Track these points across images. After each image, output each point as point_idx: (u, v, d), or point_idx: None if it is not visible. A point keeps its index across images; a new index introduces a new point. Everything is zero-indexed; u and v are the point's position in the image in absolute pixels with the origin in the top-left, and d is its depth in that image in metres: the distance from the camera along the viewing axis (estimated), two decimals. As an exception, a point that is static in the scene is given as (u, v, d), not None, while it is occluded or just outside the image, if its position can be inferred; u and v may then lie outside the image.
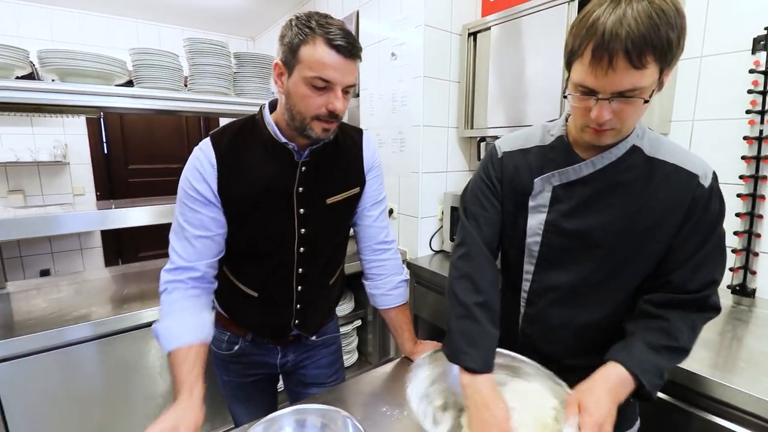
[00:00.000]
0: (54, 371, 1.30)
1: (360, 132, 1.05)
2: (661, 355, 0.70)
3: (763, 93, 1.25)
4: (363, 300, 2.14)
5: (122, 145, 3.50)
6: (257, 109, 0.95)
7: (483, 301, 0.78)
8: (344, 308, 2.06)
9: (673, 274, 0.73)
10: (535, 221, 0.79)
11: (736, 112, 1.32)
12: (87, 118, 3.16)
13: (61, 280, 1.76)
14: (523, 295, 0.84)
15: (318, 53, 0.77)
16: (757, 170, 1.28)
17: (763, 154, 1.27)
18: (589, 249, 0.75)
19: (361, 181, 1.03)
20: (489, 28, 1.76)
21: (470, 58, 1.87)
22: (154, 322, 1.43)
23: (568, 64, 0.67)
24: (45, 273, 3.12)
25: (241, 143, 0.91)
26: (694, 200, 0.69)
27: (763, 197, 1.29)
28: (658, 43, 0.56)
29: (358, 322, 2.14)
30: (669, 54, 0.58)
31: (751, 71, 1.26)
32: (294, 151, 0.91)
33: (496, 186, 0.84)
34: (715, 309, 0.75)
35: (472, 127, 1.92)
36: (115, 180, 3.51)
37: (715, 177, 0.71)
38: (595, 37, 0.58)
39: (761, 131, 1.27)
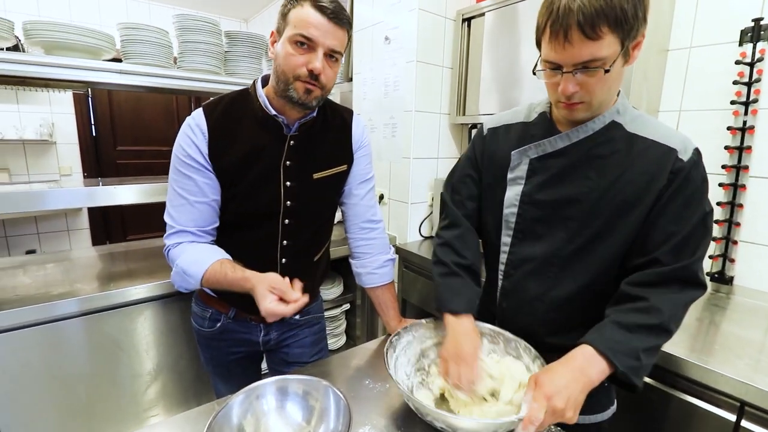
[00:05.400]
0: (39, 346, 1.29)
1: (350, 112, 1.07)
2: (635, 335, 0.67)
3: (748, 84, 1.27)
4: (351, 284, 2.15)
5: (111, 126, 3.45)
6: (249, 88, 0.97)
7: (464, 263, 0.87)
8: (333, 291, 2.07)
9: (657, 252, 0.71)
10: (512, 193, 0.82)
11: (721, 102, 1.34)
12: (75, 96, 3.10)
13: (49, 258, 1.74)
14: (501, 267, 0.87)
15: (303, 13, 0.82)
16: (739, 160, 1.31)
17: (745, 144, 1.29)
18: (563, 220, 0.77)
19: (349, 159, 1.04)
20: (483, 14, 1.76)
21: (464, 44, 1.86)
22: (143, 300, 1.42)
23: (538, 43, 0.70)
24: (31, 253, 3.09)
25: (233, 114, 0.93)
26: (674, 173, 0.69)
27: (744, 187, 1.32)
28: (611, 13, 0.59)
29: (347, 306, 2.16)
30: (626, 24, 0.61)
31: (737, 62, 1.28)
32: (283, 124, 0.93)
33: (479, 162, 0.89)
34: (699, 284, 0.71)
35: (463, 114, 1.92)
36: (103, 161, 3.46)
37: (697, 152, 0.71)
38: (551, 14, 0.62)
39: (745, 122, 1.29)
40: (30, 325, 1.26)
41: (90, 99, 3.24)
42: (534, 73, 0.71)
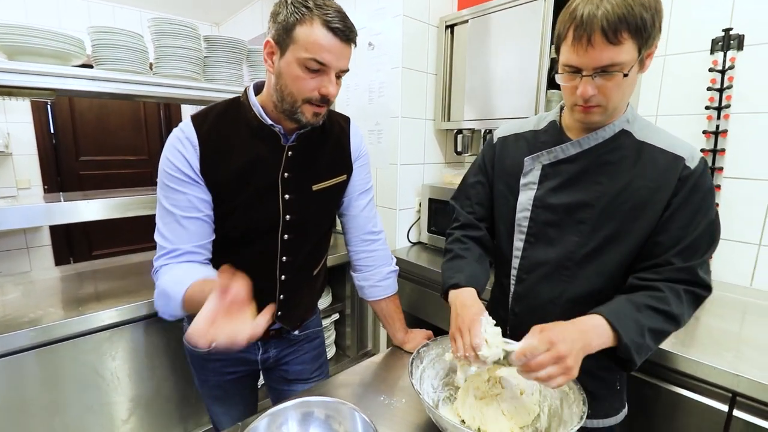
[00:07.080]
0: (10, 378, 1.18)
1: (347, 119, 1.04)
2: (644, 313, 0.69)
3: (720, 90, 1.35)
4: (341, 294, 2.11)
5: (72, 135, 3.24)
6: (229, 95, 0.91)
7: (468, 247, 0.90)
8: (322, 302, 2.02)
9: (666, 255, 0.73)
10: (525, 197, 0.84)
11: (696, 108, 1.41)
12: (32, 104, 2.89)
13: (7, 281, 1.58)
14: (513, 272, 0.88)
15: (314, 34, 0.75)
16: (713, 162, 1.39)
17: (719, 147, 1.37)
18: (575, 224, 0.79)
19: (348, 169, 1.02)
20: (466, 21, 1.78)
21: (447, 51, 1.88)
22: (122, 323, 1.33)
23: (557, 48, 0.73)
24: (-15, 274, 2.85)
25: (225, 125, 0.87)
26: (681, 180, 0.73)
27: (719, 187, 1.39)
28: (633, 21, 0.63)
29: (336, 316, 2.12)
30: (644, 32, 0.64)
31: (710, 70, 1.36)
32: (281, 134, 0.88)
33: (488, 168, 0.93)
34: (705, 286, 0.74)
35: (449, 120, 1.94)
36: (64, 172, 3.24)
37: (703, 161, 0.75)
38: (575, 20, 0.65)
39: (718, 126, 1.37)
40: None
41: (50, 106, 3.03)
42: (553, 78, 0.75)
